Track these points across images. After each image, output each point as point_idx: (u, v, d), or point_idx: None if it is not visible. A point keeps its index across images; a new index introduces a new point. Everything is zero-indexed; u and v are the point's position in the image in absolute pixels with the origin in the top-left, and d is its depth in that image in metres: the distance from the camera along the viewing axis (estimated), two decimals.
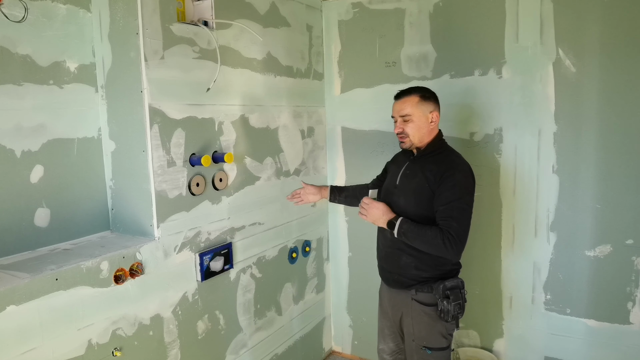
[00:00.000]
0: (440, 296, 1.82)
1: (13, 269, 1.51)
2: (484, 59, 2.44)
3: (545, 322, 2.45)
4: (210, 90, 2.03)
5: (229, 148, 2.17)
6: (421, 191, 1.83)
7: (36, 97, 1.69)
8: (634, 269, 2.22)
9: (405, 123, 1.86)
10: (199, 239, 2.03)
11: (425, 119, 1.86)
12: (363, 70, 2.79)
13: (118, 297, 1.68)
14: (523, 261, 2.48)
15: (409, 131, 1.86)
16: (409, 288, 1.89)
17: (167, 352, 1.90)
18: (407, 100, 1.87)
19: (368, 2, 2.73)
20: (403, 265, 1.89)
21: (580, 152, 2.27)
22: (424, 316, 1.87)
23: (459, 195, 1.75)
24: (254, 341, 2.40)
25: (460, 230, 1.72)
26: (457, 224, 1.72)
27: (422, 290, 1.87)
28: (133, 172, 1.85)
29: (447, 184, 1.77)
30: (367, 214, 1.86)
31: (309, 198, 2.25)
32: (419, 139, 1.87)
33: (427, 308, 1.86)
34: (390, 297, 2.01)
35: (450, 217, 1.73)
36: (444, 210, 1.75)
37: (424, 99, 1.87)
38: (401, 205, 1.87)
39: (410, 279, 1.89)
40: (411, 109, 1.85)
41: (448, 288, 1.83)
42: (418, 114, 1.85)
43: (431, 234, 1.72)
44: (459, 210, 1.74)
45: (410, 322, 1.91)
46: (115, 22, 1.79)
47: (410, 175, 1.90)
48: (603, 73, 2.18)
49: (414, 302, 1.89)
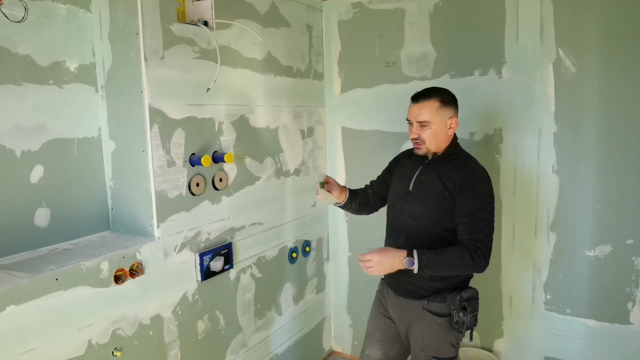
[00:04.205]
0: (457, 307, 1.75)
1: (13, 269, 1.51)
2: (484, 59, 2.44)
3: (545, 322, 2.45)
4: (210, 90, 2.03)
5: (229, 148, 2.17)
6: (441, 199, 1.73)
7: (36, 97, 1.69)
8: (634, 269, 2.22)
9: (422, 129, 1.74)
10: (199, 239, 2.03)
11: (444, 126, 1.74)
12: (363, 70, 2.79)
13: (118, 297, 1.68)
14: (523, 261, 2.48)
15: (426, 138, 1.74)
16: (422, 298, 1.81)
17: (167, 352, 1.90)
18: (426, 105, 1.73)
19: (368, 2, 2.73)
20: (417, 277, 1.74)
21: (580, 152, 2.27)
22: (435, 326, 1.79)
23: (482, 206, 1.67)
24: (254, 341, 2.40)
25: (486, 242, 1.65)
26: (483, 237, 1.64)
27: (435, 301, 1.79)
28: (133, 172, 1.85)
29: (469, 194, 1.68)
30: (378, 268, 1.65)
31: (332, 195, 1.98)
32: (435, 146, 1.76)
33: (440, 319, 1.79)
34: (399, 305, 1.91)
35: (476, 230, 1.64)
36: (468, 222, 1.66)
37: (444, 104, 1.73)
38: (419, 214, 1.78)
39: (424, 289, 1.80)
40: (430, 116, 1.71)
41: (465, 299, 1.76)
42: (437, 121, 1.72)
43: (458, 256, 1.62)
44: (484, 222, 1.66)
45: (420, 331, 1.82)
46: (115, 22, 1.79)
47: (425, 181, 1.80)
48: (603, 73, 2.18)
49: (426, 311, 1.81)
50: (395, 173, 2.00)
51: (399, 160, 2.05)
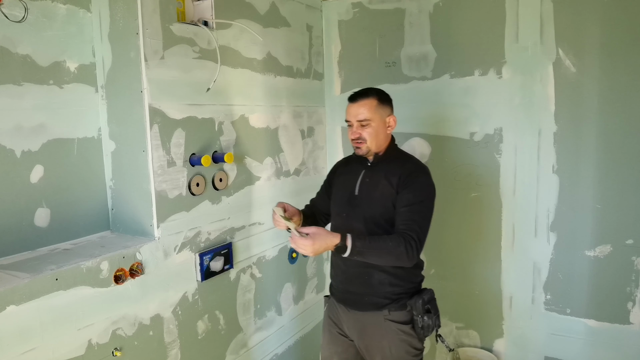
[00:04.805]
0: (420, 312, 1.72)
1: (13, 269, 1.51)
2: (484, 59, 2.44)
3: (545, 322, 2.45)
4: (210, 90, 2.03)
5: (229, 148, 2.17)
6: (389, 197, 1.71)
7: (36, 97, 1.69)
8: (634, 269, 2.22)
9: (363, 128, 1.73)
10: (199, 239, 2.03)
11: (383, 124, 1.75)
12: (363, 70, 2.79)
13: (118, 297, 1.68)
14: (523, 261, 2.48)
15: (367, 137, 1.73)
16: (382, 308, 1.75)
17: (167, 352, 1.90)
18: (365, 103, 1.73)
19: (368, 2, 2.73)
20: (376, 284, 1.73)
21: (580, 152, 2.27)
22: (402, 335, 1.75)
23: (422, 199, 1.67)
24: (254, 341, 2.40)
25: (421, 234, 1.62)
26: (419, 228, 1.62)
27: (396, 309, 1.74)
28: (133, 172, 1.85)
29: (411, 186, 1.68)
30: (311, 249, 1.53)
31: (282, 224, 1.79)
32: (376, 146, 1.76)
33: (404, 326, 1.74)
34: (356, 320, 1.82)
35: (413, 221, 1.63)
36: (406, 212, 1.65)
37: (382, 102, 1.75)
38: (368, 216, 1.75)
39: (385, 297, 1.75)
40: (370, 114, 1.72)
41: (427, 302, 1.74)
42: (377, 119, 1.73)
43: (392, 245, 1.57)
44: (421, 214, 1.65)
45: (387, 345, 1.75)
46: (115, 22, 1.79)
47: (371, 182, 1.78)
48: (603, 73, 2.18)
49: (389, 322, 1.75)
50: (335, 183, 1.96)
51: (336, 169, 2.01)
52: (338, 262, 1.86)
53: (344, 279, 1.84)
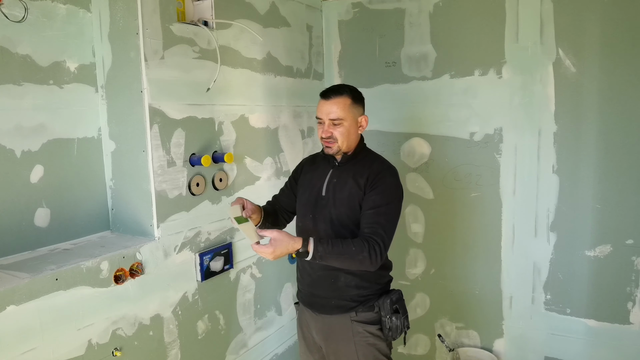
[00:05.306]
0: (388, 312, 1.69)
1: (13, 269, 1.51)
2: (484, 59, 2.44)
3: (545, 322, 2.45)
4: (210, 90, 2.03)
5: (229, 148, 2.17)
6: (356, 198, 1.67)
7: (36, 97, 1.69)
8: (634, 269, 2.22)
9: (335, 127, 1.67)
10: (199, 239, 2.03)
11: (355, 124, 1.70)
12: (363, 70, 2.79)
13: (118, 297, 1.68)
14: (523, 261, 2.48)
15: (339, 136, 1.67)
16: (349, 311, 1.71)
17: (167, 352, 1.90)
18: (338, 101, 1.67)
19: (368, 2, 2.73)
20: (342, 287, 1.70)
21: (580, 152, 2.27)
22: (369, 337, 1.71)
23: (388, 201, 1.63)
24: (254, 341, 2.40)
25: (386, 239, 1.58)
26: (383, 232, 1.58)
27: (363, 310, 1.71)
28: (133, 172, 1.85)
29: (378, 187, 1.64)
30: (272, 256, 1.50)
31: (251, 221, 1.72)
32: (347, 145, 1.70)
33: (371, 327, 1.71)
34: (323, 323, 1.78)
35: (378, 224, 1.59)
36: (372, 215, 1.61)
37: (355, 101, 1.70)
38: (335, 217, 1.71)
39: (351, 300, 1.71)
40: (343, 113, 1.66)
41: (395, 302, 1.71)
42: (350, 118, 1.68)
43: (355, 250, 1.53)
44: (386, 217, 1.62)
45: (354, 348, 1.71)
46: (115, 22, 1.79)
47: (338, 183, 1.73)
48: (603, 73, 2.18)
49: (355, 323, 1.71)
50: (301, 182, 1.90)
51: (302, 167, 1.96)
52: (304, 266, 1.82)
53: (310, 282, 1.80)
